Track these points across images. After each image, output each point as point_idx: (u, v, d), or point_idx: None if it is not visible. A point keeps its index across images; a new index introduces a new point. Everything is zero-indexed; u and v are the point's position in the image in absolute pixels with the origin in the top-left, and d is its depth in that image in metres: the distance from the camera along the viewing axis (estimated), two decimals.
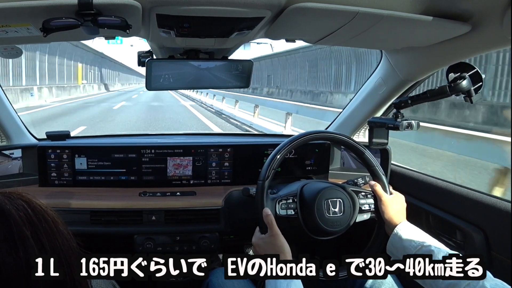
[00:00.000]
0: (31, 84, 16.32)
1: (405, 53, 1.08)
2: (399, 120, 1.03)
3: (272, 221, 0.91)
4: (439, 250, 0.81)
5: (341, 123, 1.45)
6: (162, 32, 0.82)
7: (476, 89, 0.90)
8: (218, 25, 0.79)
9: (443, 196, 1.15)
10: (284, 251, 0.87)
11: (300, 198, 1.00)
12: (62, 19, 0.64)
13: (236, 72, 1.04)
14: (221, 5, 0.67)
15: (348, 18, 0.73)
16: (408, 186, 1.30)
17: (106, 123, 9.19)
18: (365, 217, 1.02)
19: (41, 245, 0.42)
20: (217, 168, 1.35)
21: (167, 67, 1.00)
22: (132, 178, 1.31)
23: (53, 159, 1.27)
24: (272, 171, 0.97)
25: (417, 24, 0.76)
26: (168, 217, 1.19)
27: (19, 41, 0.90)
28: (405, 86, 1.19)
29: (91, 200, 1.20)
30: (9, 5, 0.62)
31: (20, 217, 0.41)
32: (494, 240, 0.98)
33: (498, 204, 0.97)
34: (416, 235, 0.88)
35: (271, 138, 1.61)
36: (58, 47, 20.46)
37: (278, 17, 0.74)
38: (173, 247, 1.20)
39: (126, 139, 1.52)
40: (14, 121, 1.29)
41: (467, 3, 0.73)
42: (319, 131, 1.06)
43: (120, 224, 1.18)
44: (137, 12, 0.67)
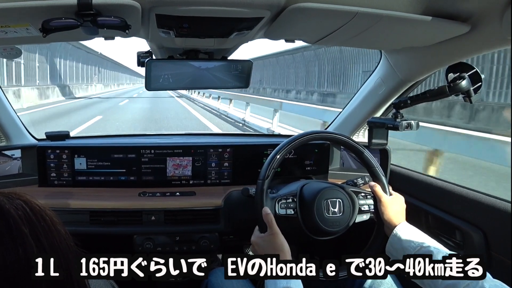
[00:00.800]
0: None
1: (405, 53, 1.08)
2: (399, 120, 1.03)
3: (272, 220, 0.91)
4: (438, 251, 0.81)
5: (341, 123, 1.45)
6: (161, 33, 0.82)
7: (476, 89, 0.91)
8: (218, 25, 0.79)
9: (443, 196, 1.15)
10: (283, 250, 0.87)
11: (300, 197, 1.00)
12: (62, 19, 0.64)
13: (235, 72, 1.04)
14: (220, 5, 0.67)
15: (348, 18, 0.73)
16: (407, 186, 1.30)
17: None
18: (364, 218, 1.02)
19: (40, 243, 0.42)
20: (217, 168, 1.35)
21: (167, 67, 1.00)
22: (132, 178, 1.31)
23: (52, 159, 1.27)
24: (272, 171, 0.97)
25: (416, 24, 0.76)
26: (167, 217, 1.19)
27: (19, 41, 0.90)
28: (405, 86, 1.19)
29: (91, 200, 1.20)
30: (8, 5, 0.62)
31: (19, 216, 0.41)
32: (494, 240, 0.98)
33: (498, 204, 0.97)
34: (415, 236, 0.88)
35: (270, 138, 1.61)
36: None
37: (277, 17, 0.74)
38: (173, 247, 1.20)
39: (125, 139, 1.51)
40: (13, 121, 1.28)
41: (466, 3, 0.73)
42: (319, 131, 1.06)
43: (119, 224, 1.17)
44: (136, 12, 0.67)
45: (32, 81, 17.19)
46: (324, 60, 18.46)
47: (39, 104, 14.92)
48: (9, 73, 14.94)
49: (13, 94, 13.66)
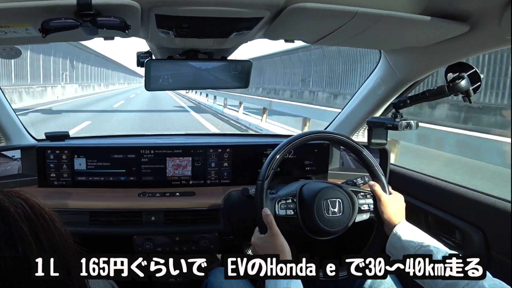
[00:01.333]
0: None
1: (404, 53, 1.08)
2: (398, 120, 1.03)
3: (272, 221, 0.90)
4: (438, 250, 0.81)
5: (340, 123, 1.45)
6: (161, 33, 0.82)
7: (475, 89, 0.91)
8: (217, 25, 0.79)
9: (442, 196, 1.15)
10: (284, 250, 0.87)
11: (300, 198, 1.00)
12: (61, 19, 0.64)
13: (235, 72, 1.04)
14: (220, 5, 0.67)
15: (347, 18, 0.73)
16: (407, 186, 1.30)
17: None
18: (364, 217, 1.02)
19: (39, 242, 0.42)
20: (216, 169, 1.35)
21: (166, 68, 1.00)
22: (132, 178, 1.30)
23: (52, 159, 1.27)
24: (272, 171, 0.97)
25: (416, 24, 0.76)
26: (167, 218, 1.19)
27: (18, 41, 0.90)
28: (404, 86, 1.19)
29: (90, 201, 1.20)
30: (8, 5, 0.62)
31: (18, 214, 0.41)
32: (493, 240, 0.98)
33: (497, 203, 0.97)
34: (415, 235, 0.88)
35: (270, 139, 1.60)
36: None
37: (277, 18, 0.74)
38: (173, 248, 1.20)
39: (125, 140, 1.51)
40: (13, 121, 1.28)
41: (466, 3, 0.73)
42: (319, 131, 1.06)
43: (119, 224, 1.17)
44: (136, 12, 0.67)
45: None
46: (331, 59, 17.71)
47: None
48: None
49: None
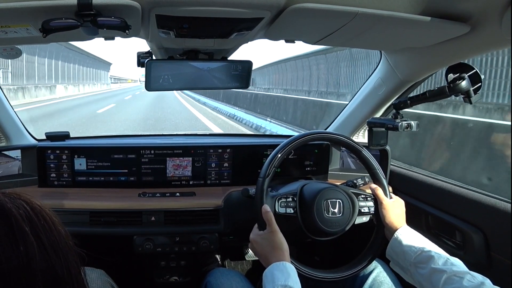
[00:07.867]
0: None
1: (405, 53, 1.08)
2: (398, 121, 1.04)
3: (271, 218, 0.90)
4: (439, 256, 0.81)
5: (341, 123, 1.45)
6: (161, 33, 0.82)
7: (475, 90, 0.91)
8: (218, 25, 0.79)
9: (442, 197, 1.15)
10: (282, 248, 0.86)
11: (300, 197, 1.00)
12: (62, 19, 0.64)
13: (235, 72, 1.04)
14: (220, 5, 0.67)
15: (348, 18, 0.73)
16: (407, 186, 1.30)
17: None
18: (364, 220, 1.02)
19: (40, 241, 0.43)
20: (217, 169, 1.35)
21: (167, 68, 1.00)
22: (132, 178, 1.31)
23: (52, 159, 1.27)
24: (273, 169, 0.97)
25: (416, 24, 0.76)
26: (167, 218, 1.19)
27: (19, 41, 0.90)
28: (405, 87, 1.19)
29: (91, 201, 1.19)
30: (8, 5, 0.62)
31: (20, 215, 0.43)
32: (494, 240, 0.98)
33: (498, 204, 0.97)
34: (417, 240, 0.88)
35: (270, 139, 1.61)
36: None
37: (277, 18, 0.74)
38: (173, 248, 1.20)
39: (125, 140, 1.51)
40: (13, 121, 1.28)
41: (466, 4, 0.73)
42: (319, 132, 1.06)
43: (119, 225, 1.17)
44: (136, 12, 0.67)
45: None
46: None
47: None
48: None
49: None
